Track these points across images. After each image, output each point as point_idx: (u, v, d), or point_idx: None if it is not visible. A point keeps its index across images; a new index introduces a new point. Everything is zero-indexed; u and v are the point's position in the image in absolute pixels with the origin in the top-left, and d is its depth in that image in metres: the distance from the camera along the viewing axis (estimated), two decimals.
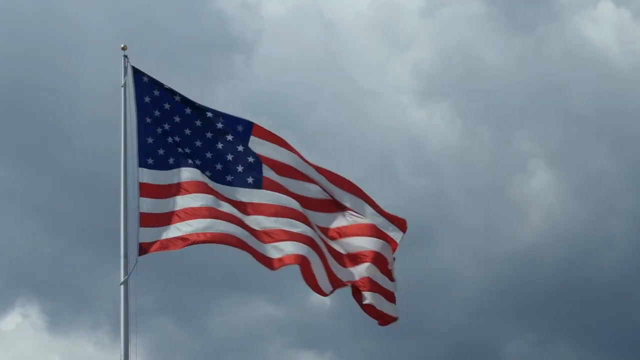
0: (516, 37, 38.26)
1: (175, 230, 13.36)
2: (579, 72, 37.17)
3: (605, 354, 33.12)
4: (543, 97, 36.73)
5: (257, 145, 14.09)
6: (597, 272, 33.84)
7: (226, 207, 13.62)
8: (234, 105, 32.95)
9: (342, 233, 14.24)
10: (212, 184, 13.75)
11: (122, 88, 13.81)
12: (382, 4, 39.34)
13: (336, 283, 13.96)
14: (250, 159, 14.04)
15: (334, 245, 14.12)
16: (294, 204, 13.92)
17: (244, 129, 14.15)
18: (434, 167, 35.62)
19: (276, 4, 38.86)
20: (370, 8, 39.18)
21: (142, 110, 13.71)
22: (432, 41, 38.03)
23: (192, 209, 13.49)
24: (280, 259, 13.47)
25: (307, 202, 14.12)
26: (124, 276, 13.09)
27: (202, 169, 13.82)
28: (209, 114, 14.00)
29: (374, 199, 14.77)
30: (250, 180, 13.98)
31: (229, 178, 13.94)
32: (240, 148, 14.02)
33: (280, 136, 14.43)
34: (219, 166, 13.95)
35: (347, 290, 14.30)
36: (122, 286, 13.07)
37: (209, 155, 13.93)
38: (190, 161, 13.81)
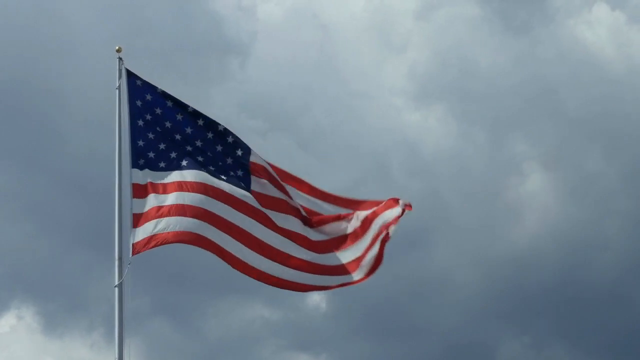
0: (511, 39, 38.34)
1: (168, 223, 13.41)
2: (573, 75, 37.26)
3: (601, 356, 33.17)
4: (538, 100, 36.81)
5: (255, 156, 14.11)
6: (592, 274, 33.92)
7: (218, 206, 13.65)
8: (229, 107, 32.99)
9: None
10: (206, 179, 13.76)
11: (117, 90, 13.81)
12: (376, 7, 39.41)
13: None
14: (240, 172, 14.01)
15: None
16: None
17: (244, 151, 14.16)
18: (429, 169, 35.70)
19: (272, 6, 38.92)
20: (365, 10, 39.25)
21: (134, 113, 13.74)
22: (426, 43, 38.11)
23: (177, 206, 13.53)
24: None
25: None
26: (119, 279, 13.08)
27: (196, 165, 13.84)
28: (200, 122, 13.97)
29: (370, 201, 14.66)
30: (242, 184, 14.00)
31: (223, 177, 13.95)
32: (229, 160, 14.02)
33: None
34: (211, 168, 13.96)
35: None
36: (116, 288, 13.06)
37: (200, 159, 13.94)
38: (183, 163, 13.83)
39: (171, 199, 13.54)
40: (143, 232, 13.28)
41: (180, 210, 13.46)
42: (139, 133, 13.70)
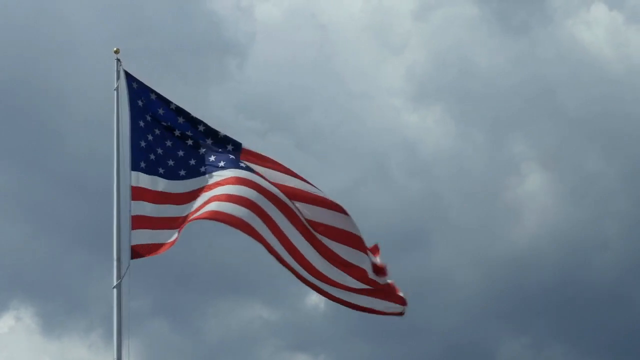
0: (509, 39, 38.37)
1: (170, 235, 13.35)
2: (572, 75, 37.28)
3: (600, 356, 33.19)
4: (537, 100, 36.83)
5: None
6: (591, 274, 33.93)
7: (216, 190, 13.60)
8: (228, 107, 33.00)
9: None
10: (202, 181, 13.71)
11: (115, 92, 13.78)
12: (375, 7, 39.44)
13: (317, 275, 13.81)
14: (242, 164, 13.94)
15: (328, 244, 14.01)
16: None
17: (234, 148, 14.05)
18: (428, 170, 35.71)
19: (270, 6, 38.94)
20: (363, 11, 39.27)
21: (135, 113, 13.67)
22: (425, 44, 38.13)
23: (185, 217, 13.47)
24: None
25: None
26: (117, 279, 13.07)
27: (193, 174, 13.76)
28: (201, 128, 13.93)
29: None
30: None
31: (221, 164, 13.88)
32: (231, 156, 13.96)
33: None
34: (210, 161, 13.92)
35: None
36: (114, 289, 13.04)
37: (197, 161, 13.90)
38: (182, 172, 13.73)
39: (173, 210, 13.48)
40: (144, 237, 13.24)
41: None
42: (141, 134, 13.63)
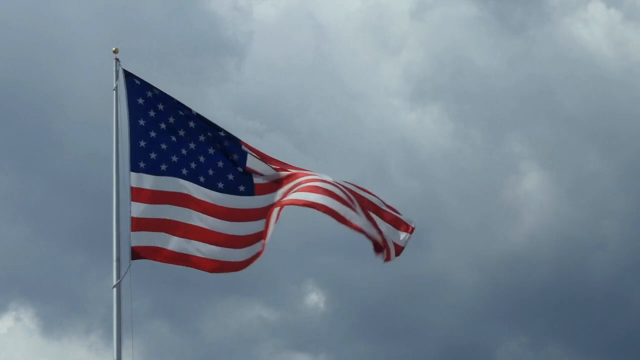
0: (507, 39, 38.40)
1: (171, 242, 13.34)
2: (570, 74, 37.30)
3: (598, 356, 33.20)
4: (534, 99, 36.86)
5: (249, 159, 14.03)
6: (590, 274, 33.96)
7: (216, 222, 13.61)
8: (226, 108, 32.98)
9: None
10: (204, 195, 13.63)
11: (114, 91, 13.74)
12: (372, 7, 39.46)
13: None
14: (240, 169, 13.88)
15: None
16: (290, 185, 13.82)
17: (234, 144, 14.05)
18: (426, 170, 35.72)
19: (267, 6, 38.98)
20: (360, 11, 39.30)
21: (135, 112, 13.58)
22: (422, 44, 38.15)
23: (190, 226, 13.47)
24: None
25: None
26: (117, 280, 13.07)
27: (195, 176, 13.69)
28: (191, 124, 13.87)
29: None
30: (242, 188, 13.88)
31: (220, 185, 13.82)
32: (233, 156, 13.90)
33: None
34: (210, 172, 13.82)
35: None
36: (114, 289, 13.05)
37: (201, 159, 13.82)
38: (184, 171, 13.67)
39: (174, 212, 13.45)
40: (145, 239, 13.22)
41: (188, 230, 13.42)
42: (141, 133, 13.56)
